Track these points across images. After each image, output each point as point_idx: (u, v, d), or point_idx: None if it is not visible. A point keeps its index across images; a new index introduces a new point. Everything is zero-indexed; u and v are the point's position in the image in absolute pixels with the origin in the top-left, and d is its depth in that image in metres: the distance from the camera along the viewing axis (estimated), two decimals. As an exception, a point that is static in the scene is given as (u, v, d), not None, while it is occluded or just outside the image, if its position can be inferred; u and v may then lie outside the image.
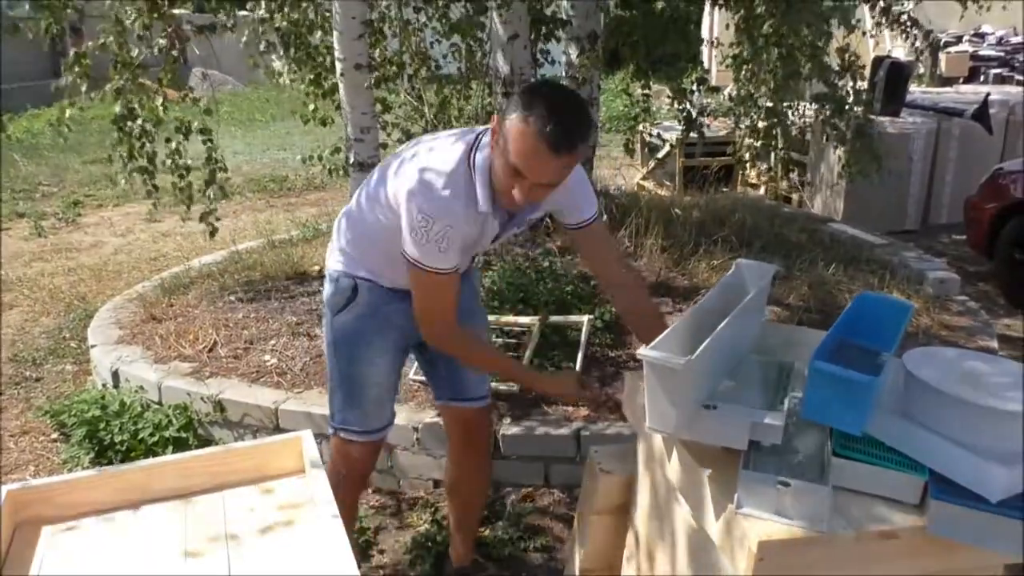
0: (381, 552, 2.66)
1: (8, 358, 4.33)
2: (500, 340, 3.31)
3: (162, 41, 4.04)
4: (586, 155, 1.55)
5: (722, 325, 1.46)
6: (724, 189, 7.11)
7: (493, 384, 3.10)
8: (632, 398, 1.83)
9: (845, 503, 1.40)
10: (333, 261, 2.12)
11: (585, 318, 3.30)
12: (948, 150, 6.86)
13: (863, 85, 5.29)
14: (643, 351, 1.35)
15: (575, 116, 1.69)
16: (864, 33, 5.68)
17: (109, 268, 5.96)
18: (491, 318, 3.36)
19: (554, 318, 3.34)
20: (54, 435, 3.49)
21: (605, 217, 4.53)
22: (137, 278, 5.52)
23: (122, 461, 3.17)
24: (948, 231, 6.85)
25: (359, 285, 2.06)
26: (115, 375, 3.55)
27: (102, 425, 3.22)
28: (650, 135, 7.21)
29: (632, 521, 1.94)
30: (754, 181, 7.79)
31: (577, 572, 2.15)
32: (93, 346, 3.81)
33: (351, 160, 4.31)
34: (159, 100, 4.03)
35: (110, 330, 3.95)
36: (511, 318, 3.34)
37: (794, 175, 7.33)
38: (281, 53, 4.89)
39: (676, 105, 5.27)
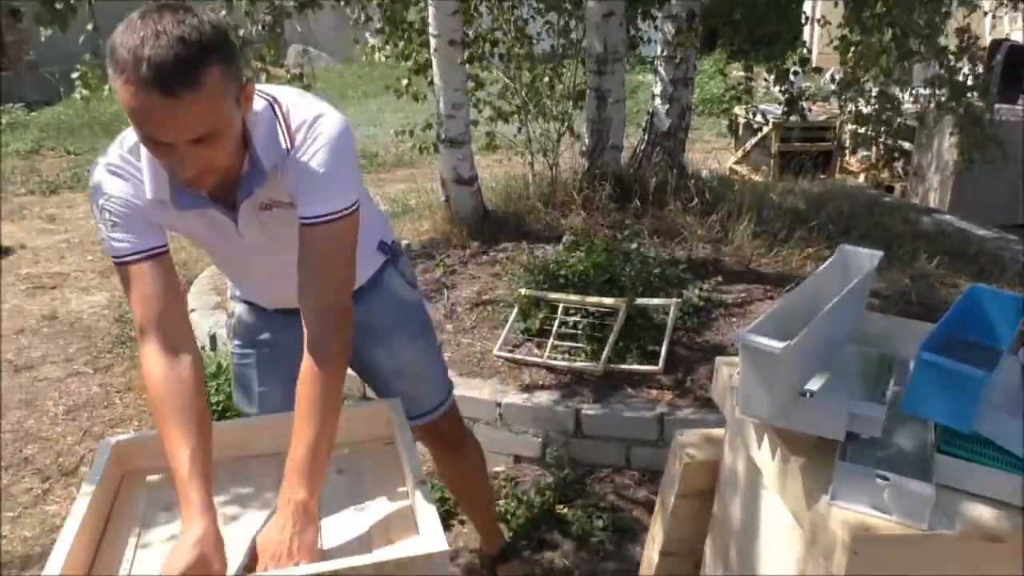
0: (462, 523, 2.70)
1: (116, 318, 4.56)
2: (585, 321, 3.29)
3: (267, 18, 4.14)
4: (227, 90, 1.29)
5: (824, 311, 1.40)
6: (821, 176, 6.87)
7: (578, 364, 3.10)
8: (722, 384, 1.78)
9: (946, 501, 1.33)
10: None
11: (673, 301, 3.25)
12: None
13: (981, 69, 5.01)
14: (741, 334, 1.31)
15: (163, 44, 1.19)
16: (986, 14, 5.37)
17: (208, 236, 6.19)
18: (575, 298, 3.35)
19: (640, 300, 3.30)
20: (155, 392, 3.66)
21: (698, 202, 4.47)
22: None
23: (218, 420, 3.30)
24: (1065, 226, 6.45)
25: (237, 307, 1.83)
26: (212, 338, 3.69)
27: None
28: (749, 117, 7.01)
29: (716, 506, 1.90)
30: (853, 169, 7.50)
31: (657, 555, 2.13)
32: (192, 310, 3.98)
33: (441, 136, 4.34)
34: (264, 77, 4.14)
35: (208, 296, 4.11)
36: (596, 299, 3.31)
37: (898, 164, 7.02)
38: (377, 28, 4.96)
39: (775, 87, 5.10)
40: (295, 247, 1.51)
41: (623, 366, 3.13)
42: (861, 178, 7.32)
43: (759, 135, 7.40)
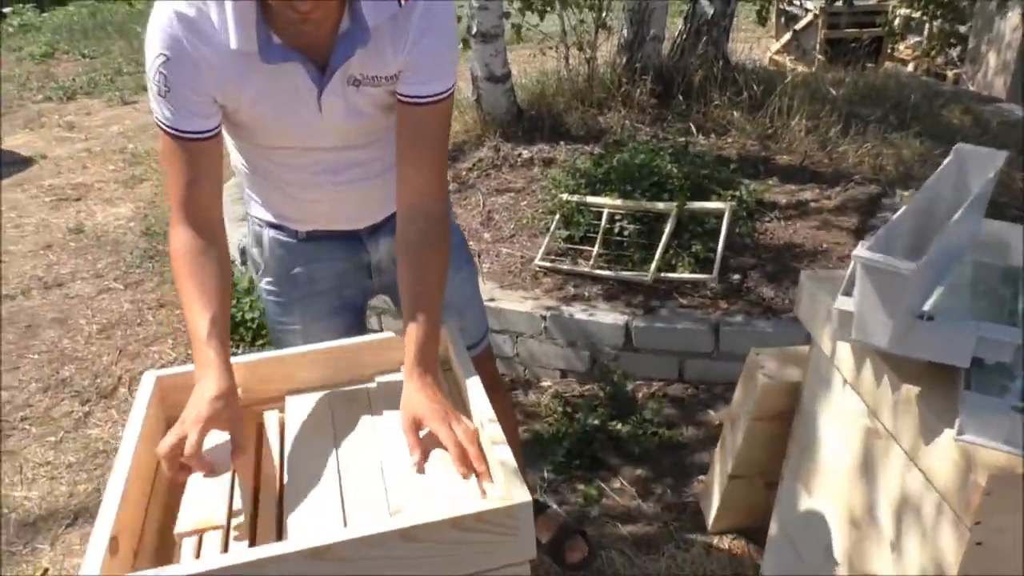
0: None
1: (143, 231, 4.44)
2: (632, 227, 3.11)
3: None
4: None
5: (950, 224, 1.22)
6: (870, 65, 6.47)
7: (625, 274, 2.94)
8: (809, 301, 1.62)
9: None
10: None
11: (727, 205, 3.05)
12: None
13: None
14: (861, 252, 1.14)
15: None
16: None
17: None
18: (621, 203, 3.16)
19: (692, 204, 3.10)
20: (188, 309, 3.56)
21: (746, 96, 4.18)
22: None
23: (253, 339, 3.21)
24: None
25: (264, 236, 1.62)
26: (242, 252, 3.55)
27: (233, 302, 3.24)
28: (790, 3, 6.56)
29: (797, 431, 1.77)
30: (903, 56, 7.06)
31: (726, 477, 2.03)
32: (220, 222, 3.83)
33: (472, 31, 4.06)
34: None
35: (234, 206, 3.94)
36: (645, 204, 3.12)
37: (953, 50, 6.58)
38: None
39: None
40: (361, 145, 1.42)
41: (674, 275, 2.96)
42: (911, 66, 6.90)
43: (803, 22, 6.95)
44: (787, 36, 7.26)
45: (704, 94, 4.26)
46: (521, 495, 1.11)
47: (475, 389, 1.36)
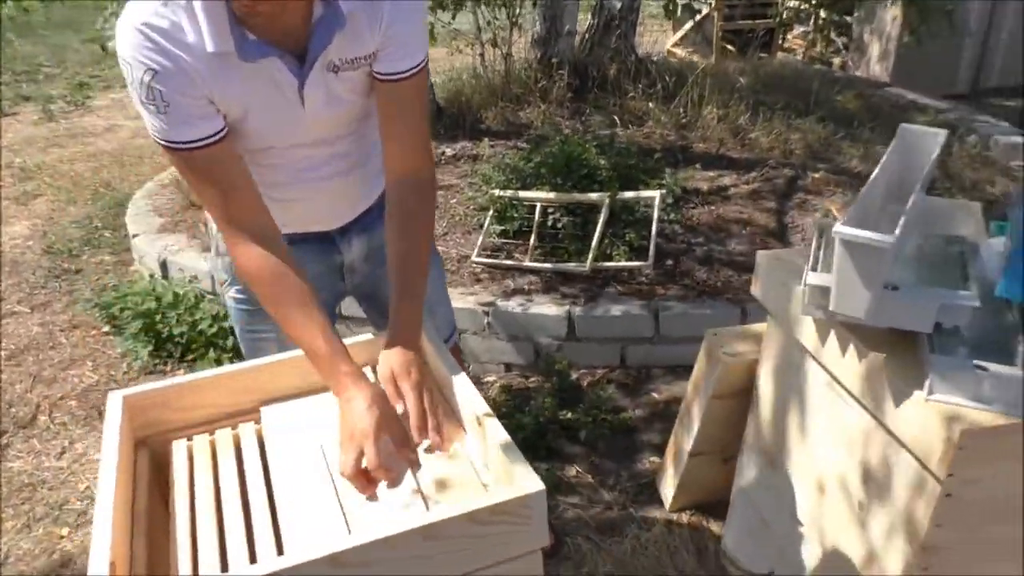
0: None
1: (43, 250, 4.20)
2: (566, 219, 3.16)
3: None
4: None
5: (912, 200, 1.30)
6: (763, 55, 6.75)
7: (563, 265, 2.99)
8: (768, 280, 1.69)
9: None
10: None
11: (656, 193, 3.13)
12: (1006, 10, 6.46)
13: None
14: (841, 228, 1.20)
15: None
16: None
17: (129, 152, 5.74)
18: (554, 196, 3.20)
19: (623, 194, 3.17)
20: (105, 328, 3.40)
21: (660, 88, 4.30)
22: (160, 163, 5.32)
23: (182, 354, 3.09)
24: (1000, 94, 6.56)
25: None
26: (163, 265, 3.42)
27: (158, 317, 3.12)
28: (686, -3, 6.76)
29: (757, 407, 1.84)
30: (792, 46, 7.40)
31: (686, 455, 2.09)
32: (135, 235, 3.67)
33: None
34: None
35: (150, 218, 3.80)
36: (578, 196, 3.17)
37: (839, 38, 6.95)
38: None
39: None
40: (338, 139, 1.41)
41: (610, 263, 3.03)
42: (800, 55, 7.24)
43: (700, 14, 7.18)
44: (684, 29, 7.48)
45: (619, 87, 4.36)
46: (534, 484, 1.12)
47: (462, 384, 1.36)
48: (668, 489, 2.24)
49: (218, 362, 2.97)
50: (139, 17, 1.18)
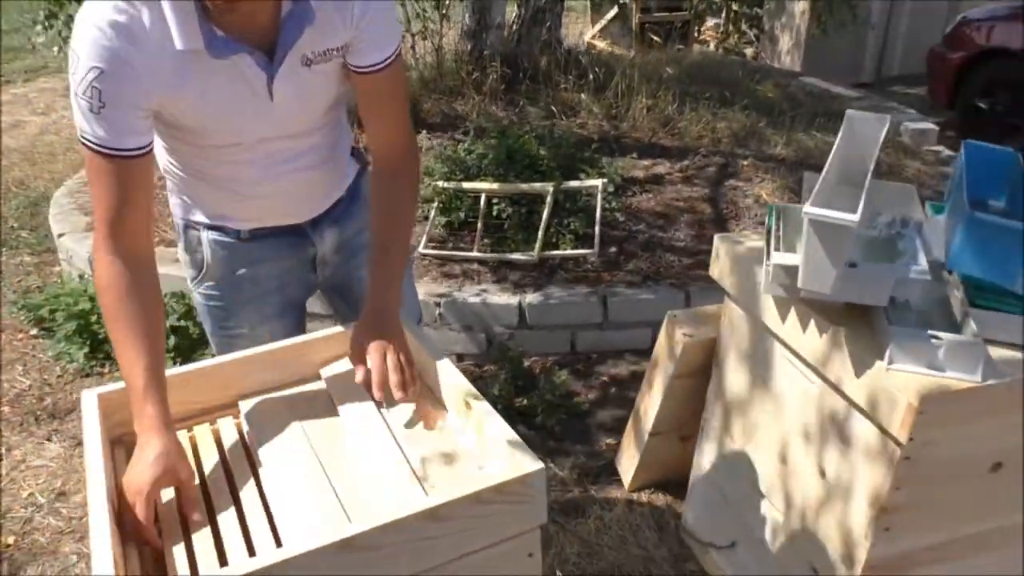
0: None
1: (-44, 252, 3.98)
2: (512, 210, 3.19)
3: None
4: None
5: (868, 181, 1.39)
6: (679, 47, 6.94)
7: (511, 255, 3.02)
8: (727, 261, 1.77)
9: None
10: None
11: (599, 182, 3.20)
12: (904, 5, 6.82)
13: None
14: (810, 209, 1.27)
15: None
16: None
17: (39, 150, 5.48)
18: (500, 187, 3.23)
19: (567, 184, 3.23)
20: (33, 331, 3.26)
21: (591, 78, 4.38)
22: (75, 160, 5.11)
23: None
24: (901, 82, 6.92)
25: (203, 239, 1.53)
26: (91, 262, 3.29)
27: (93, 318, 3.01)
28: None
29: (716, 385, 1.92)
30: (706, 37, 7.62)
31: (646, 435, 2.16)
32: (61, 235, 3.52)
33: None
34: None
35: (75, 217, 3.65)
36: (523, 186, 3.21)
37: (751, 30, 7.20)
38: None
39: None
40: (307, 132, 1.41)
41: (557, 252, 3.08)
42: (712, 46, 7.47)
43: (617, 6, 7.31)
44: (604, 21, 7.61)
45: (550, 78, 4.42)
46: (532, 464, 1.15)
47: (446, 367, 1.39)
48: (627, 469, 2.31)
49: (160, 363, 2.89)
50: (99, 14, 1.17)
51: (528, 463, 1.16)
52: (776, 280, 1.50)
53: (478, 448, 1.31)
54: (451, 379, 1.38)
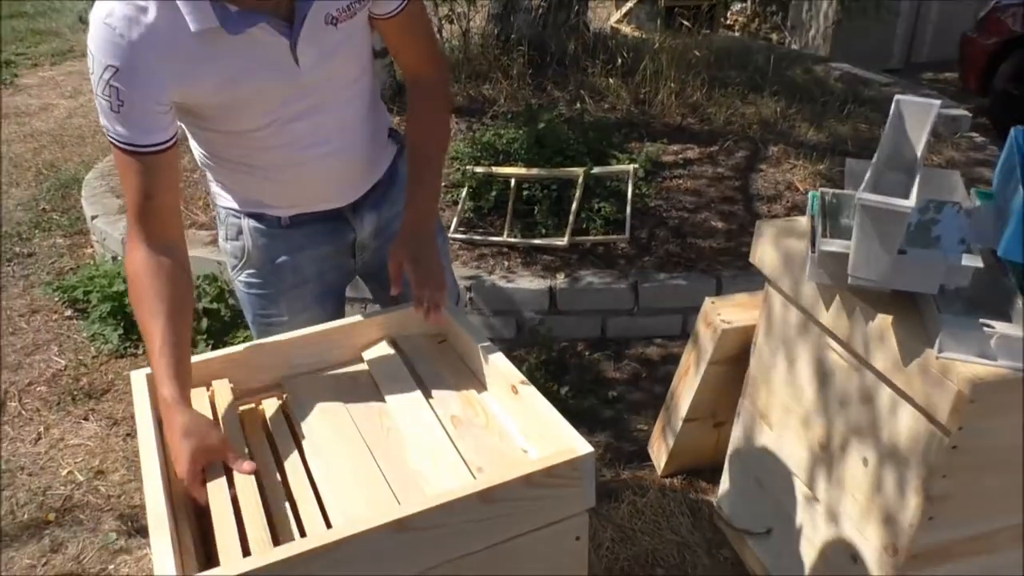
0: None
1: (-10, 233, 4.04)
2: (542, 195, 3.18)
3: None
4: None
5: (919, 167, 1.37)
6: (706, 32, 6.86)
7: (540, 240, 3.02)
8: (770, 247, 1.75)
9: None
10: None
11: (630, 167, 3.19)
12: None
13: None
14: (864, 195, 1.26)
15: None
16: None
17: (69, 133, 5.53)
18: (532, 172, 3.22)
19: (597, 169, 3.21)
20: (67, 312, 3.30)
21: (620, 63, 4.34)
22: (104, 143, 5.11)
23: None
24: (930, 68, 6.82)
25: (244, 227, 1.54)
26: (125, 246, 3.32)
27: (126, 300, 3.04)
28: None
29: (756, 371, 1.91)
30: (730, 23, 7.54)
31: (680, 421, 2.16)
32: (95, 217, 3.55)
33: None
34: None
35: (107, 199, 3.68)
36: (555, 171, 3.20)
37: (777, 16, 7.12)
38: None
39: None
40: (342, 103, 1.42)
41: (588, 237, 3.07)
42: (738, 32, 7.39)
43: (645, -9, 7.25)
44: (628, 5, 7.54)
45: (577, 62, 4.39)
46: (583, 447, 1.16)
47: (492, 353, 1.39)
48: (661, 455, 2.31)
49: (192, 344, 2.91)
50: (110, 10, 1.17)
51: (578, 447, 1.16)
52: (822, 268, 1.48)
53: (525, 432, 1.31)
54: (497, 363, 1.38)
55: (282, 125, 1.39)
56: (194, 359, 1.40)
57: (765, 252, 1.76)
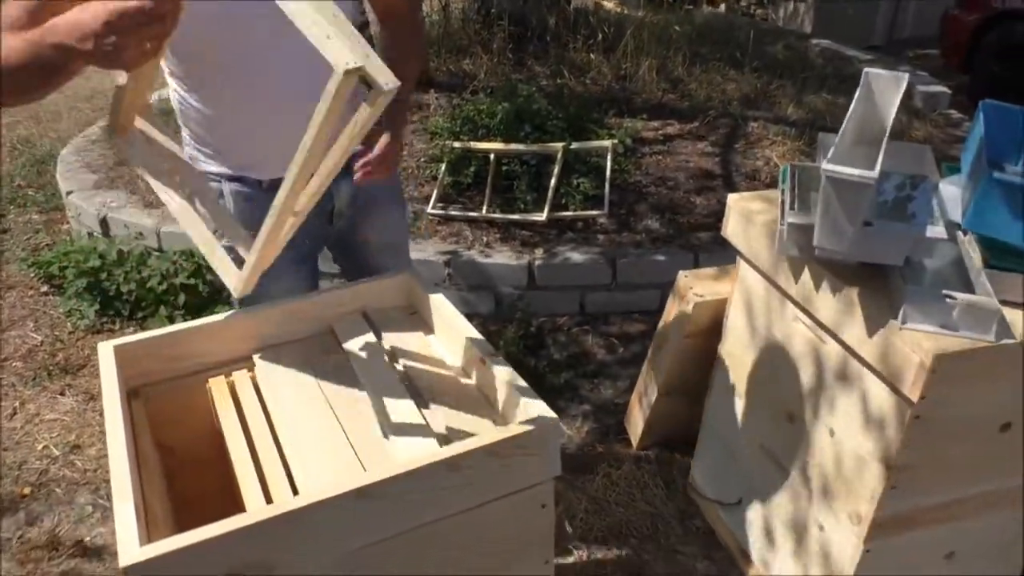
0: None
1: (-38, 209, 3.98)
2: (521, 170, 3.18)
3: None
4: None
5: (885, 140, 1.38)
6: (688, 7, 6.83)
7: (519, 216, 3.02)
8: (741, 221, 1.76)
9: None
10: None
11: (608, 143, 3.18)
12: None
13: None
14: (829, 166, 1.26)
15: None
16: None
17: (44, 108, 5.43)
18: (511, 147, 3.21)
19: (576, 144, 3.21)
20: (43, 288, 3.27)
21: (601, 38, 4.32)
22: (81, 119, 5.11)
23: (131, 312, 3.01)
24: (913, 45, 6.83)
25: (225, 191, 1.56)
26: (103, 222, 3.30)
27: (104, 275, 3.02)
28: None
29: (726, 344, 1.93)
30: (715, -2, 7.52)
31: (655, 394, 2.18)
32: (69, 192, 3.52)
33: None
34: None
35: (82, 175, 3.64)
36: (533, 146, 3.19)
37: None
38: None
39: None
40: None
41: (567, 213, 3.07)
42: (723, 7, 7.36)
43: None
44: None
45: (558, 37, 4.37)
46: (548, 416, 1.17)
47: (462, 324, 1.40)
48: (636, 428, 2.33)
49: (170, 319, 2.91)
50: None
51: (543, 416, 1.17)
52: (790, 240, 1.49)
53: (492, 402, 1.32)
54: (467, 335, 1.39)
55: (263, 60, 1.38)
56: (164, 331, 1.40)
57: (737, 225, 1.77)
